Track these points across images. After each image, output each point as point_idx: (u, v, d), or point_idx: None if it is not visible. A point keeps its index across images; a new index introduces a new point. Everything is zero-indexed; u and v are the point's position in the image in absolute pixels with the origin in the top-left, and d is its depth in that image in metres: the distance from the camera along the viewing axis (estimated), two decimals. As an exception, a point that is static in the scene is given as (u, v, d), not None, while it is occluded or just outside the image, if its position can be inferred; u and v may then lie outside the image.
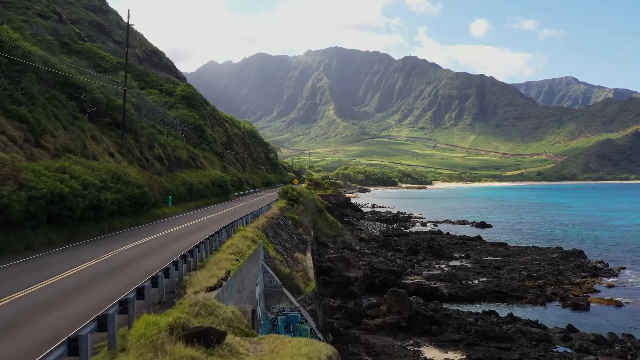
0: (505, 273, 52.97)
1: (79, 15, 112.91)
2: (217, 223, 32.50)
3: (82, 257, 18.18)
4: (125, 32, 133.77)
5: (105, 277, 14.98)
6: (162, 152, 54.94)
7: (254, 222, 31.41)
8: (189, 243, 20.32)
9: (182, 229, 29.22)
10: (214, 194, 61.65)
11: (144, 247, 21.03)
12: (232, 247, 19.26)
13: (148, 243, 22.30)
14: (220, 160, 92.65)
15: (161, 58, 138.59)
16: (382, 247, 60.41)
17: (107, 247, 20.49)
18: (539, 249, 69.26)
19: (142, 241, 22.76)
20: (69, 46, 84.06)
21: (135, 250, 20.23)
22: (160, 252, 19.49)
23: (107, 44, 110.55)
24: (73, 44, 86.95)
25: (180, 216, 39.40)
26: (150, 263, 16.94)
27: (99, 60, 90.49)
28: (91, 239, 23.98)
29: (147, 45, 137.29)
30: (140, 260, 17.94)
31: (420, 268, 54.70)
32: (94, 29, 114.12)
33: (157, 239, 23.75)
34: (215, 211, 45.24)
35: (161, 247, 21.21)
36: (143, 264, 17.02)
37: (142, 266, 16.46)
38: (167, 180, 45.45)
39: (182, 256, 15.41)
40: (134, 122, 49.90)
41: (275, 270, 24.08)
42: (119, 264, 17.25)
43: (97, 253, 19.11)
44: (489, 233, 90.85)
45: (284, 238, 34.82)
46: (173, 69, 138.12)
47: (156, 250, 20.34)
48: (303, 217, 47.33)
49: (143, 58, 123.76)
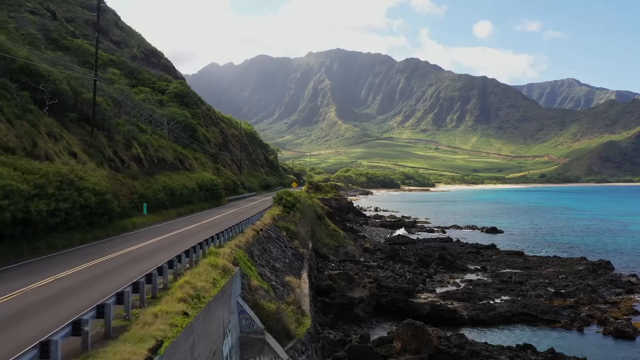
0: (529, 289, 46.71)
1: (74, 14, 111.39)
2: (193, 237, 26.41)
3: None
4: (119, 29, 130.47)
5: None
6: (143, 152, 48.84)
7: (236, 238, 25.28)
8: (129, 278, 14.17)
9: (143, 247, 23.08)
10: (202, 199, 55.54)
11: (56, 287, 14.40)
12: (187, 287, 13.11)
13: (73, 277, 15.94)
14: (213, 162, 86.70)
15: (159, 58, 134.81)
16: (389, 259, 54.15)
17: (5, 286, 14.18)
18: (561, 259, 62.92)
19: (65, 273, 16.41)
20: (57, 42, 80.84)
21: (35, 295, 13.36)
22: (73, 298, 13.21)
23: (103, 43, 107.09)
24: (62, 40, 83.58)
25: (152, 227, 33.27)
26: (31, 329, 10.29)
27: (88, 57, 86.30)
28: (8, 265, 17.86)
29: (145, 45, 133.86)
30: (19, 322, 10.98)
31: (432, 283, 48.46)
32: (89, 28, 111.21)
33: (93, 268, 17.52)
34: (197, 220, 39.12)
35: (86, 285, 14.78)
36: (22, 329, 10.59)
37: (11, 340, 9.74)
38: (142, 184, 39.32)
39: (99, 307, 9.34)
40: (107, 118, 43.80)
41: (257, 307, 17.98)
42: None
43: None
44: (502, 240, 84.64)
45: (274, 255, 28.64)
46: (172, 69, 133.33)
47: (70, 294, 13.65)
48: (300, 226, 41.16)
49: (141, 58, 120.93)
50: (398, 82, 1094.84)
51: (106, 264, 18.32)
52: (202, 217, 42.03)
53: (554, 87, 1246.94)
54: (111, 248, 22.30)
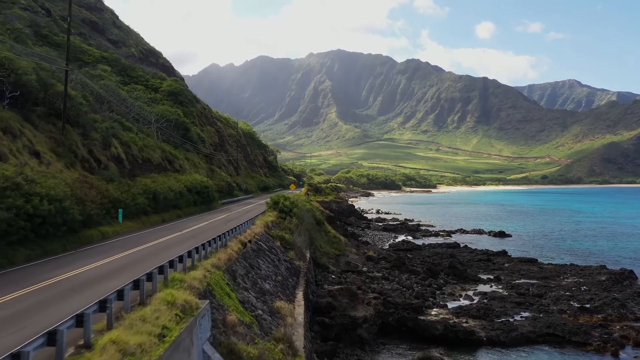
0: (550, 303, 42.20)
1: (71, 12, 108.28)
2: (166, 252, 22.06)
3: None
4: (117, 28, 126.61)
5: None
6: (124, 152, 44.40)
7: (216, 255, 20.81)
8: (35, 331, 9.71)
9: (95, 269, 18.61)
10: (192, 203, 51.12)
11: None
12: (112, 350, 8.63)
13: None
14: (207, 163, 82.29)
15: (158, 58, 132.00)
16: (394, 268, 49.60)
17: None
18: (578, 267, 58.36)
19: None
20: (48, 38, 77.91)
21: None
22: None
23: (100, 42, 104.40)
24: (53, 36, 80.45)
25: (125, 238, 28.83)
26: None
27: (80, 54, 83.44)
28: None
29: (143, 45, 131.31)
30: None
31: (443, 297, 43.94)
32: (86, 26, 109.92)
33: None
34: (181, 228, 34.68)
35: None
36: None
37: None
38: (118, 188, 34.81)
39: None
40: (83, 114, 39.35)
41: (233, 354, 13.58)
42: None
43: None
44: (511, 245, 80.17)
45: (263, 273, 24.13)
46: (171, 69, 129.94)
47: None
48: (296, 235, 36.67)
49: (139, 57, 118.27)
50: (399, 83, 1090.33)
51: (22, 300, 13.77)
52: (187, 224, 37.60)
53: (555, 88, 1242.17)
54: (53, 270, 17.81)
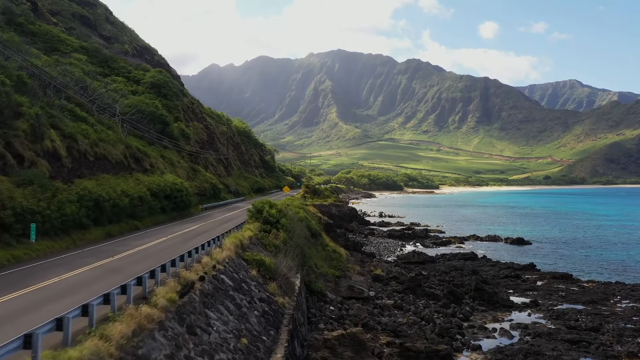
0: (613, 342, 32.55)
1: (61, 7, 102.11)
2: (51, 305, 12.44)
3: None
4: (111, 24, 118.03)
5: None
6: (66, 146, 34.76)
7: (126, 312, 11.20)
8: None
9: None
10: (158, 211, 41.50)
11: None
12: None
13: None
14: (190, 162, 72.74)
15: (153, 55, 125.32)
16: (408, 291, 40.00)
17: None
18: (627, 286, 48.65)
19: None
20: (22, 27, 71.61)
21: None
22: None
23: (90, 37, 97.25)
24: (29, 24, 73.50)
25: (16, 271, 19.15)
26: None
27: (57, 43, 75.88)
28: None
29: (138, 41, 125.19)
30: None
31: (473, 331, 34.21)
32: (77, 21, 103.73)
33: None
34: (120, 249, 25.01)
35: None
36: None
37: None
38: (32, 194, 25.11)
39: None
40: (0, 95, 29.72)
41: None
42: None
43: None
44: (534, 255, 70.69)
45: (213, 338, 14.46)
46: (166, 66, 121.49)
47: None
48: (282, 256, 27.00)
49: (133, 54, 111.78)
50: (399, 83, 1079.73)
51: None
52: (135, 242, 27.98)
53: (556, 88, 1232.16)
54: None
